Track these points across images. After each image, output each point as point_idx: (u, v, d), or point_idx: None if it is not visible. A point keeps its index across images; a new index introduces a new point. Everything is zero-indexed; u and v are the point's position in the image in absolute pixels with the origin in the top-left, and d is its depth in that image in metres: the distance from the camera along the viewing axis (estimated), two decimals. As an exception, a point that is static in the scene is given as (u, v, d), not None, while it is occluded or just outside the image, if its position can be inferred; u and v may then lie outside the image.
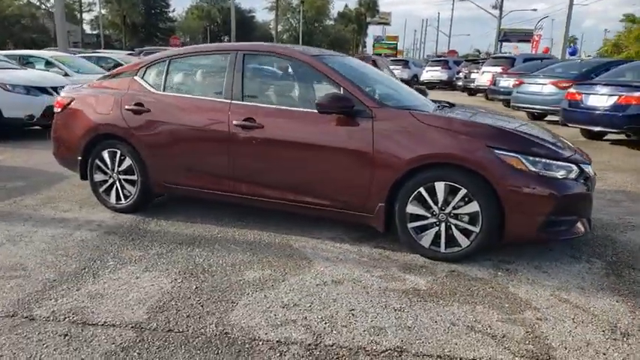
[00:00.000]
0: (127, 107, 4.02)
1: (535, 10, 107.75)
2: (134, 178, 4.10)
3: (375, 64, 10.05)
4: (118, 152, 4.10)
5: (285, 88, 4.04)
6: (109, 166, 4.16)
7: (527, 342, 2.36)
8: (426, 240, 3.31)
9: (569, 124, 9.16)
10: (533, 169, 3.09)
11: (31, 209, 4.27)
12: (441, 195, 3.21)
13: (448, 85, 23.80)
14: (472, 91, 20.16)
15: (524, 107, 11.90)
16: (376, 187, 3.34)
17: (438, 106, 3.97)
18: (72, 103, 4.32)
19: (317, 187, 3.55)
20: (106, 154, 4.15)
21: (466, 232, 3.21)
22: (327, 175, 3.49)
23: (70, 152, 4.37)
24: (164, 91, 4.05)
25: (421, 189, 3.24)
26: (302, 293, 2.80)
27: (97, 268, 3.10)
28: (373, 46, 69.73)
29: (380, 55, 44.95)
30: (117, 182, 4.18)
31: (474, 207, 3.14)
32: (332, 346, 2.28)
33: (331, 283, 2.95)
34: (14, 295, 2.71)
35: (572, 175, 3.21)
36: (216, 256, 3.34)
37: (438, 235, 3.28)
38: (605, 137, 9.18)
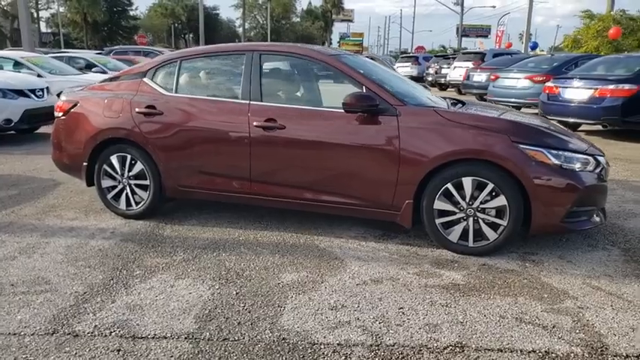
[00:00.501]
0: (137, 110, 3.90)
1: (494, 7, 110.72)
2: (146, 182, 3.99)
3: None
4: (129, 156, 3.98)
5: (304, 89, 4.00)
6: (119, 172, 4.04)
7: (577, 331, 2.43)
8: (454, 235, 3.36)
9: (548, 116, 9.44)
10: (557, 162, 3.18)
11: (33, 219, 4.09)
12: (468, 190, 3.26)
13: (419, 80, 24.12)
14: (443, 86, 20.56)
15: (500, 100, 12.19)
16: (403, 184, 3.36)
17: (452, 104, 4.02)
18: (76, 107, 4.16)
19: (342, 186, 3.54)
20: (114, 159, 4.02)
21: (494, 226, 3.27)
22: (354, 174, 3.48)
23: (73, 158, 4.21)
24: (176, 92, 3.95)
25: (449, 185, 3.28)
26: (346, 294, 2.79)
27: (125, 278, 3.01)
28: (339, 43, 70.03)
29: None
30: (127, 188, 4.05)
31: (501, 201, 3.21)
32: (393, 345, 2.28)
33: (371, 282, 2.95)
34: (48, 312, 2.60)
35: (590, 167, 3.31)
36: (246, 259, 3.29)
37: (465, 230, 3.33)
38: (580, 128, 9.51)
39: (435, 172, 3.29)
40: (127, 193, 4.07)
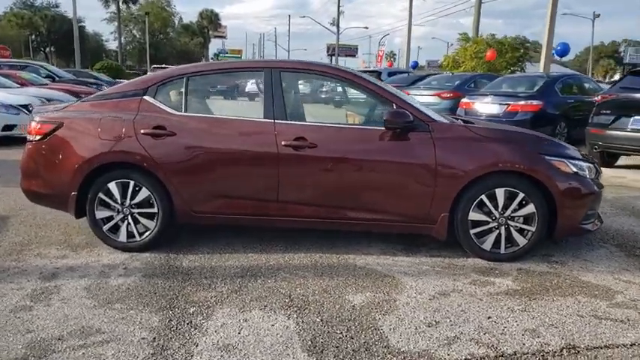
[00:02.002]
0: (143, 131, 3.55)
1: (367, 27, 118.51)
2: (153, 210, 3.63)
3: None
4: (132, 182, 3.59)
5: (330, 106, 3.96)
6: (118, 200, 3.62)
7: (645, 321, 2.72)
8: (488, 244, 3.56)
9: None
10: (575, 170, 3.54)
11: (10, 260, 3.49)
12: (500, 200, 3.48)
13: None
14: (344, 102, 21.26)
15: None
16: (440, 197, 3.48)
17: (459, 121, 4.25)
18: (60, 129, 3.65)
19: (377, 202, 3.56)
20: (113, 186, 3.60)
21: (522, 232, 3.53)
22: (389, 190, 3.53)
23: (56, 187, 3.68)
24: (186, 111, 3.67)
25: (483, 196, 3.48)
26: (428, 310, 2.82)
27: (185, 317, 2.71)
28: (217, 59, 69.33)
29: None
30: (128, 217, 3.65)
31: (530, 209, 3.48)
32: (515, 354, 2.37)
33: (439, 296, 3.01)
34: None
35: (593, 174, 3.74)
36: (297, 284, 3.15)
37: (497, 238, 3.55)
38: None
39: (470, 184, 3.47)
40: (127, 223, 3.66)
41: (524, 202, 3.47)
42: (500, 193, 3.47)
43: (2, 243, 3.83)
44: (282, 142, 3.49)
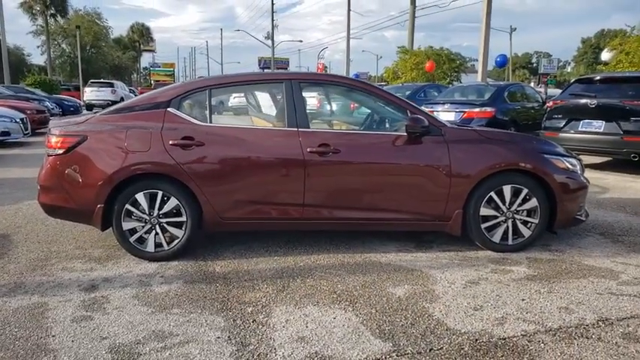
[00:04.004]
0: (172, 142, 3.63)
1: (301, 41, 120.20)
2: (181, 219, 3.70)
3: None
4: (160, 192, 3.65)
5: (349, 114, 4.19)
6: (146, 210, 3.66)
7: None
8: (497, 236, 3.91)
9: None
10: (569, 166, 3.98)
11: (39, 275, 3.43)
12: (507, 196, 3.85)
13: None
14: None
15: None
16: (455, 195, 3.80)
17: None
18: (85, 143, 3.64)
19: (397, 203, 3.82)
20: (141, 197, 3.64)
21: (527, 225, 3.92)
22: (408, 190, 3.80)
23: (80, 200, 3.66)
24: (211, 122, 3.78)
25: (492, 193, 3.84)
26: (467, 297, 3.10)
27: (247, 316, 2.82)
28: (149, 72, 67.82)
29: (158, 82, 44.21)
30: (156, 227, 3.69)
31: (533, 203, 3.87)
32: (560, 328, 2.68)
33: (470, 284, 3.31)
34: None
35: (580, 169, 4.20)
36: (337, 281, 3.34)
37: (505, 231, 3.92)
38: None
39: (480, 183, 3.82)
40: (155, 233, 3.70)
41: (527, 197, 3.86)
42: (507, 190, 3.84)
43: (20, 260, 3.74)
44: (308, 149, 3.68)
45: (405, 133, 3.74)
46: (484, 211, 3.85)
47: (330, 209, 3.80)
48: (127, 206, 3.63)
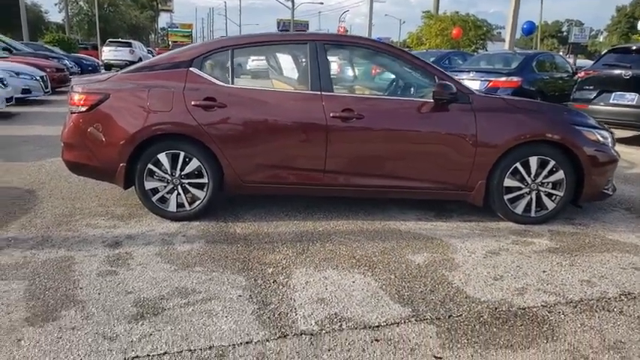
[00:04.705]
0: (194, 103, 3.60)
1: (322, 3, 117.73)
2: (203, 180, 3.71)
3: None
4: (182, 153, 3.65)
5: (370, 79, 4.11)
6: (168, 171, 3.68)
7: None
8: (520, 208, 3.86)
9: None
10: (601, 138, 3.87)
11: (64, 230, 3.50)
12: (533, 168, 3.77)
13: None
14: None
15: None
16: (478, 166, 3.74)
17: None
18: (108, 101, 3.64)
19: (419, 171, 3.78)
20: (163, 157, 3.65)
21: (551, 197, 3.86)
22: (432, 159, 3.75)
23: (104, 159, 3.69)
24: (233, 83, 3.74)
25: (517, 164, 3.76)
26: (487, 266, 3.08)
27: (268, 277, 2.86)
28: (167, 33, 67.30)
29: (176, 42, 43.65)
30: (178, 187, 3.72)
31: (559, 175, 3.79)
32: (581, 301, 2.66)
33: (491, 254, 3.28)
34: (245, 317, 2.40)
35: (611, 142, 4.08)
36: (356, 247, 3.34)
37: (528, 203, 3.86)
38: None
39: (506, 153, 3.74)
40: (177, 194, 3.73)
41: (554, 169, 3.78)
42: (533, 161, 3.75)
43: (45, 215, 3.82)
44: (331, 114, 3.63)
45: (432, 100, 3.66)
46: (508, 182, 3.78)
47: (351, 176, 3.77)
48: (150, 166, 3.65)
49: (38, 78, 11.29)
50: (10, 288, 2.61)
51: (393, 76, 4.25)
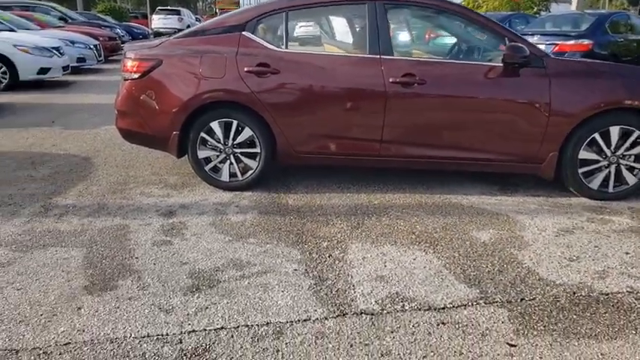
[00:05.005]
0: (247, 69, 3.46)
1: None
2: (255, 150, 3.60)
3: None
4: (235, 122, 3.54)
5: (439, 41, 3.84)
6: (221, 140, 3.58)
7: None
8: (595, 183, 3.53)
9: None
10: (691, 108, 3.46)
11: (119, 198, 3.51)
12: (614, 139, 3.43)
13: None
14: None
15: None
16: (551, 136, 3.43)
17: None
18: (160, 67, 3.56)
19: (485, 142, 3.51)
20: (216, 126, 3.56)
21: (633, 171, 3.50)
22: (500, 128, 3.47)
23: (156, 127, 3.64)
24: (287, 48, 3.56)
25: (596, 135, 3.42)
26: (560, 246, 2.83)
27: (323, 251, 2.73)
28: (214, 1, 67.13)
29: (223, 10, 43.40)
30: (231, 157, 3.63)
31: (643, 147, 3.43)
32: (670, 285, 2.40)
33: (564, 232, 3.02)
34: (302, 294, 2.29)
35: None
36: (415, 222, 3.16)
37: (606, 177, 3.53)
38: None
39: (583, 122, 3.40)
40: (230, 163, 3.64)
41: (639, 141, 3.42)
42: (614, 132, 3.41)
43: (101, 182, 3.84)
44: (390, 79, 3.41)
45: (501, 64, 3.36)
46: (584, 154, 3.46)
47: (410, 147, 3.56)
48: (202, 134, 3.57)
49: (92, 47, 11.51)
50: (69, 255, 2.62)
51: (452, 40, 3.94)
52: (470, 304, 2.23)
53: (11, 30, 9.60)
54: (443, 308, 2.20)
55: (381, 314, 2.14)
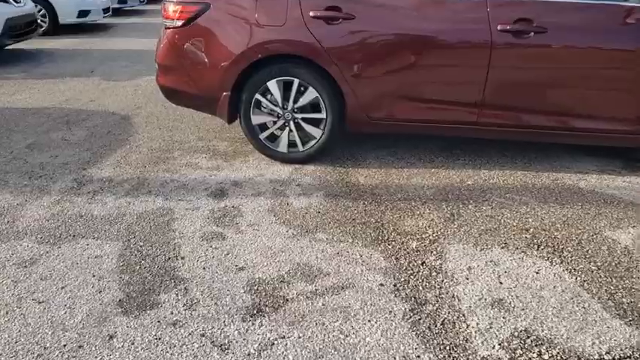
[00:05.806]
0: (313, 14, 2.77)
1: None
2: (320, 116, 2.96)
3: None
4: (296, 81, 2.90)
5: None
6: (279, 102, 2.96)
7: None
8: None
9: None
10: None
11: (162, 172, 2.99)
12: None
13: None
14: None
15: None
16: None
17: None
18: (207, 13, 2.91)
19: (616, 108, 2.75)
20: (274, 86, 2.92)
21: None
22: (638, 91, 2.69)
23: (203, 86, 3.04)
24: (364, -14, 2.82)
25: None
26: None
27: (412, 255, 2.14)
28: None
29: None
30: (290, 123, 3.01)
31: None
32: None
33: None
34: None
35: None
36: (524, 213, 2.51)
37: None
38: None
39: None
40: (289, 130, 3.03)
41: None
42: None
43: (141, 149, 3.34)
44: (499, 27, 2.65)
45: None
46: None
47: (517, 113, 2.84)
48: (257, 96, 2.96)
49: (134, -13, 10.93)
50: (102, 252, 2.14)
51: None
52: (636, 354, 1.60)
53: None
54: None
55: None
